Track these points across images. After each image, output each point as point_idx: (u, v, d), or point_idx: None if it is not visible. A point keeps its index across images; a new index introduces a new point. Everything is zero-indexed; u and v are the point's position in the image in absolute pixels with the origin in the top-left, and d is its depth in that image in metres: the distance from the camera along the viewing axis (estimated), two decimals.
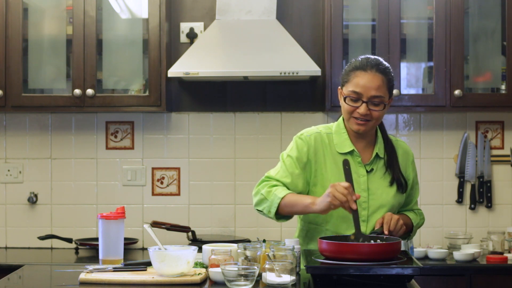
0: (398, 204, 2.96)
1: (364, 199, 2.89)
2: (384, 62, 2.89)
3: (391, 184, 2.92)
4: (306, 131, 2.97)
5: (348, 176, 2.74)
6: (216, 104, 4.45)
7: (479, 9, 4.21)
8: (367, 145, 2.95)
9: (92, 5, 4.13)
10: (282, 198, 2.80)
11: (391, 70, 2.91)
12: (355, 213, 2.70)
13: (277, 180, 2.90)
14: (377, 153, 2.93)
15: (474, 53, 4.19)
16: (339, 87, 2.92)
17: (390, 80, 2.87)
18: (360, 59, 2.89)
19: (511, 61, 4.10)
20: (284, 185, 2.89)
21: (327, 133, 2.95)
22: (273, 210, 2.82)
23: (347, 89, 2.85)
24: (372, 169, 2.93)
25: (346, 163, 2.77)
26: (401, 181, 2.93)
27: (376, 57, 2.91)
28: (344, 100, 2.86)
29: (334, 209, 2.71)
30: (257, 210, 2.91)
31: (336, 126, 2.96)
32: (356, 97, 2.83)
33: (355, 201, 2.67)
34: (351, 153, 2.92)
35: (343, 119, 2.96)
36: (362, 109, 2.82)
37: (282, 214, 2.86)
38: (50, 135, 4.45)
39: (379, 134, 2.98)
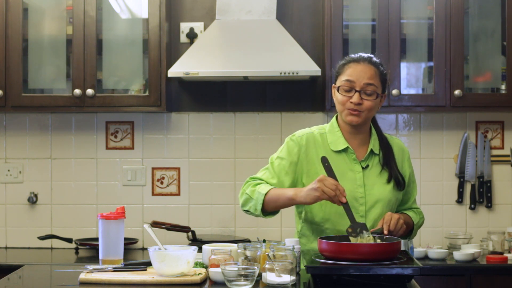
0: (395, 199, 2.97)
1: (361, 195, 2.90)
2: (376, 58, 2.94)
3: (388, 181, 2.93)
4: (298, 132, 3.00)
5: (330, 172, 2.76)
6: (216, 104, 4.44)
7: (479, 9, 4.21)
8: (362, 142, 2.97)
9: (92, 5, 4.13)
10: (266, 194, 2.83)
11: (384, 65, 2.95)
12: (346, 206, 2.73)
13: (262, 180, 2.93)
14: (371, 149, 2.95)
15: (474, 53, 4.19)
16: (333, 85, 2.94)
17: (382, 72, 2.92)
18: (352, 55, 2.96)
19: (511, 61, 4.10)
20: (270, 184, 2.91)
21: (321, 133, 2.98)
22: (259, 207, 2.85)
23: (340, 80, 2.90)
24: (367, 165, 2.94)
25: (324, 160, 2.79)
26: (399, 179, 2.95)
27: (368, 54, 2.96)
28: (338, 91, 2.88)
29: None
30: (244, 210, 2.94)
31: (329, 125, 2.99)
32: (349, 86, 2.86)
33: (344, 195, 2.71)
34: (345, 150, 2.93)
35: (336, 118, 2.99)
36: (355, 97, 2.85)
37: (268, 211, 2.88)
38: (50, 135, 4.45)
39: (373, 131, 3.00)
